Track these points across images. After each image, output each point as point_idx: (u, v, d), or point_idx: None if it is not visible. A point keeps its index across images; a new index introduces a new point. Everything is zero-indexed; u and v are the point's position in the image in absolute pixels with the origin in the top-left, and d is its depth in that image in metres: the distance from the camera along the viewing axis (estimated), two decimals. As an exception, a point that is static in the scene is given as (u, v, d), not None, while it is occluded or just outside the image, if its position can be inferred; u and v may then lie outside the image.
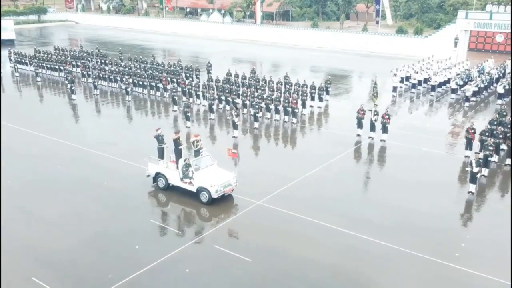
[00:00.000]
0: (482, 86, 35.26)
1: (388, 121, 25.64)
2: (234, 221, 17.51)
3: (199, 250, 15.55)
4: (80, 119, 30.90)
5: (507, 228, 17.19)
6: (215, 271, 14.46)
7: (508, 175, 22.00)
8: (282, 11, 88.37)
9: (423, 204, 18.88)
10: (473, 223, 17.96)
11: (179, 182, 18.84)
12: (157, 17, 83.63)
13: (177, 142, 19.61)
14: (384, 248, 15.73)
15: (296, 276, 14.33)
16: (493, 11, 47.46)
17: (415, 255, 15.32)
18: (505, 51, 55.21)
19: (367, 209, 18.50)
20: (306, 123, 29.45)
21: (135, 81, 36.14)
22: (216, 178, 18.23)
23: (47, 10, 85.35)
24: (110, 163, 22.71)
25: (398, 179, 21.72)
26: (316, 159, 23.28)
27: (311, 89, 32.67)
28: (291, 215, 17.71)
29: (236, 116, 26.06)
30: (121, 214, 17.86)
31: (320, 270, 14.66)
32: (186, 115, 28.05)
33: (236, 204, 18.67)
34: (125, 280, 13.79)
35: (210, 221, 17.51)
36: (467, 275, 14.36)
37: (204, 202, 18.26)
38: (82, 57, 44.42)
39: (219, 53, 57.11)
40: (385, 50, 54.15)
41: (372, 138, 26.28)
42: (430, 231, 16.92)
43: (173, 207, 18.71)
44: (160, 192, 19.57)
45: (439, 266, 14.77)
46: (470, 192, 19.70)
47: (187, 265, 14.64)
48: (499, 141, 22.83)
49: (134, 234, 16.35)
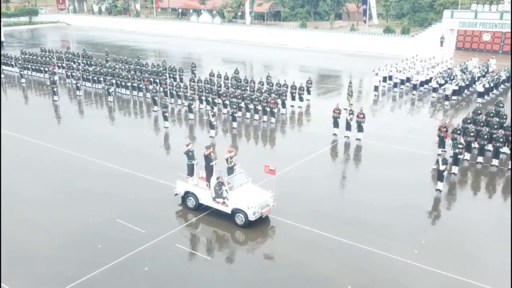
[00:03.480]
0: (463, 85, 35.41)
1: (363, 120, 25.79)
2: (201, 220, 17.62)
3: (161, 250, 15.66)
4: (60, 120, 31.09)
5: (471, 225, 17.40)
6: (174, 269, 14.60)
7: (479, 173, 22.21)
8: (273, 11, 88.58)
9: (391, 202, 19.04)
10: (438, 220, 18.08)
11: (211, 202, 17.65)
12: (148, 18, 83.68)
13: (208, 158, 17.97)
14: (343, 244, 15.89)
15: (261, 277, 14.47)
16: (478, 10, 47.68)
17: (373, 251, 15.47)
18: (492, 50, 55.37)
19: (334, 207, 18.66)
20: (285, 123, 29.58)
21: (118, 82, 36.25)
22: (253, 198, 16.94)
23: (39, 11, 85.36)
24: (80, 162, 22.88)
25: (369, 177, 21.87)
26: (289, 158, 23.38)
27: (292, 89, 32.82)
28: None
29: (212, 116, 26.20)
30: (88, 211, 18.01)
31: (280, 266, 14.82)
32: (164, 115, 28.21)
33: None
34: (83, 278, 13.91)
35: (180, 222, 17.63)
36: (421, 271, 14.49)
37: (240, 225, 16.88)
38: (68, 58, 44.51)
39: (208, 54, 57.34)
40: (373, 50, 54.33)
41: (348, 137, 26.43)
42: (394, 228, 17.09)
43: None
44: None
45: (394, 262, 14.92)
46: (438, 190, 19.85)
47: (147, 264, 14.77)
48: (471, 139, 22.98)
49: (99, 233, 16.50)
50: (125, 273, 14.34)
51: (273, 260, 15.41)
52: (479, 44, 56.42)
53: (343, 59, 53.39)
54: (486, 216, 17.99)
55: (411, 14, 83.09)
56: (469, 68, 39.61)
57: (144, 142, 26.16)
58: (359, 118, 25.79)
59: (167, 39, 69.57)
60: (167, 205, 18.55)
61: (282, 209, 17.82)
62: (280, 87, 32.32)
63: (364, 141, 26.03)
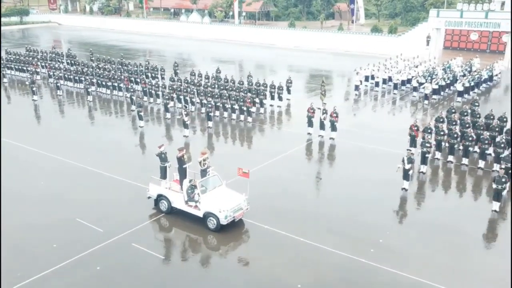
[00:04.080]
0: (444, 84, 35.35)
1: (336, 119, 25.74)
2: (162, 220, 17.57)
3: (116, 249, 15.59)
4: (36, 120, 31.08)
5: (432, 225, 17.32)
6: (126, 269, 14.55)
7: (449, 172, 22.16)
8: (265, 11, 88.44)
9: (357, 201, 19.01)
10: (399, 219, 18.02)
11: (183, 205, 17.19)
12: (138, 18, 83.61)
13: (181, 161, 17.66)
14: (301, 244, 15.84)
15: (214, 276, 14.43)
16: (463, 9, 47.61)
17: (330, 250, 15.43)
18: (479, 50, 55.36)
19: (296, 205, 18.59)
20: (262, 122, 29.52)
21: (99, 81, 36.20)
22: (226, 201, 16.56)
23: (29, 11, 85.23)
24: (49, 161, 22.82)
25: (338, 176, 21.95)
26: (261, 157, 23.39)
27: (271, 89, 32.76)
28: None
29: (186, 115, 26.15)
30: (49, 211, 17.96)
31: (227, 263, 14.78)
32: (139, 114, 28.14)
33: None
34: (32, 278, 13.85)
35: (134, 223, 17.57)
36: (374, 270, 14.44)
37: (212, 230, 16.45)
38: (51, 58, 44.44)
39: (197, 53, 57.35)
40: (360, 49, 54.24)
41: (322, 136, 26.39)
42: (354, 226, 17.04)
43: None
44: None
45: (349, 261, 14.87)
46: (404, 188, 19.81)
47: (99, 263, 14.72)
48: (441, 138, 22.94)
49: (57, 232, 16.45)
50: (76, 272, 14.28)
51: (224, 258, 15.37)
52: (467, 43, 56.38)
53: (331, 59, 53.33)
54: (449, 217, 17.89)
55: (403, 14, 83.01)
56: (452, 67, 39.55)
57: (119, 142, 26.09)
58: (332, 117, 25.74)
59: (157, 39, 69.45)
60: (132, 206, 18.43)
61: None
62: (259, 87, 32.28)
63: (338, 140, 25.99)
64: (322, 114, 26.16)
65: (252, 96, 30.81)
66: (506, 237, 16.51)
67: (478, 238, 16.50)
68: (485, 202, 19.00)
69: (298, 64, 50.12)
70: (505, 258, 15.24)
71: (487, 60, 43.92)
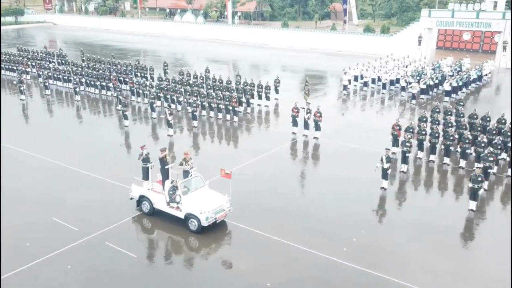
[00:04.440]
0: (432, 83, 35.36)
1: (320, 119, 25.74)
2: (139, 222, 17.54)
3: (89, 248, 15.59)
4: (22, 119, 31.11)
5: (409, 224, 17.34)
6: (97, 267, 14.55)
7: (430, 171, 22.17)
8: (261, 11, 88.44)
9: (334, 200, 19.01)
10: (375, 218, 17.97)
11: (165, 206, 16.99)
12: (133, 18, 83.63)
13: (163, 161, 17.52)
14: (274, 242, 15.86)
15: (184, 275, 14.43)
16: (455, 9, 47.62)
17: (304, 250, 15.42)
18: (472, 50, 55.42)
19: (277, 203, 18.59)
20: (248, 122, 29.53)
21: (87, 81, 36.21)
22: (208, 203, 16.33)
23: (24, 11, 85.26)
24: (31, 160, 22.82)
25: (320, 175, 21.97)
26: (244, 156, 23.51)
27: (258, 88, 32.77)
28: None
29: (169, 115, 26.16)
30: (26, 210, 17.96)
31: (203, 264, 14.80)
32: (124, 114, 28.15)
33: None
34: (3, 276, 13.87)
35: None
36: (345, 269, 14.45)
37: (193, 231, 16.25)
38: (41, 57, 44.47)
39: (191, 53, 57.41)
40: (353, 49, 54.26)
41: (306, 135, 26.41)
42: (329, 226, 17.04)
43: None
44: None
45: (322, 260, 14.87)
46: (383, 188, 19.81)
47: (71, 261, 14.72)
48: (423, 137, 22.93)
49: (31, 231, 16.46)
50: (46, 271, 14.26)
51: (205, 259, 15.38)
52: (459, 43, 56.51)
53: (323, 58, 53.36)
54: (427, 216, 17.87)
55: (399, 14, 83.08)
56: (442, 67, 39.57)
57: (104, 141, 26.06)
58: (316, 117, 25.74)
59: (151, 39, 69.52)
60: (112, 206, 18.32)
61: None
62: (245, 86, 32.30)
63: (323, 139, 26.00)
64: (306, 114, 26.19)
65: (239, 96, 30.83)
66: (484, 236, 16.57)
67: (455, 237, 16.47)
68: (465, 201, 18.94)
69: (290, 64, 50.23)
70: (480, 257, 15.26)
71: (480, 60, 43.92)
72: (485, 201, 19.08)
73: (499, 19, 45.60)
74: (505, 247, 15.56)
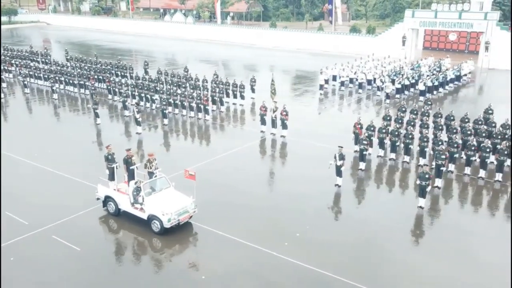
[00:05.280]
0: (408, 83, 35.57)
1: (286, 117, 25.99)
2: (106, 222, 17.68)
3: (35, 241, 15.89)
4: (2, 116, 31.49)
5: (357, 219, 17.60)
6: (39, 260, 14.86)
7: (390, 169, 22.40)
8: (252, 12, 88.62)
9: (287, 197, 19.27)
10: (324, 214, 18.16)
11: (130, 207, 16.95)
12: (125, 17, 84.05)
13: (128, 162, 17.60)
14: (216, 236, 16.15)
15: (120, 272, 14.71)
16: (438, 9, 47.77)
17: (245, 244, 15.69)
18: (458, 50, 55.58)
19: (227, 199, 18.85)
20: (218, 120, 29.80)
21: (66, 79, 36.57)
22: (171, 204, 16.29)
23: (18, 11, 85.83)
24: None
25: (279, 172, 22.21)
26: (209, 153, 24.06)
27: (233, 87, 33.04)
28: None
29: (137, 113, 26.47)
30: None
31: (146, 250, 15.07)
32: (95, 112, 28.46)
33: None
34: None
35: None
36: (284, 263, 14.74)
37: (156, 233, 16.23)
38: (25, 56, 44.90)
39: (179, 53, 57.77)
40: (338, 49, 54.45)
41: (274, 134, 26.67)
42: (277, 221, 17.29)
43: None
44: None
45: (261, 255, 15.14)
46: (337, 185, 20.04)
47: (13, 254, 15.03)
48: (383, 136, 23.13)
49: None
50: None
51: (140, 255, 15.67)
52: (446, 43, 56.63)
53: (308, 58, 53.57)
54: (375, 212, 18.14)
55: (392, 15, 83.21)
56: (421, 67, 39.75)
57: (74, 139, 26.26)
58: (283, 115, 26.00)
59: (142, 39, 69.89)
60: (68, 202, 18.55)
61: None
62: (218, 85, 32.60)
63: (290, 138, 26.24)
64: (273, 113, 26.45)
65: (212, 95, 31.13)
66: (433, 234, 16.79)
67: (400, 234, 16.63)
68: (414, 198, 19.15)
69: (273, 63, 50.47)
70: (424, 255, 15.41)
71: (461, 60, 44.00)
72: (436, 199, 19.28)
73: (481, 19, 45.74)
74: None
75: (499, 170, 20.55)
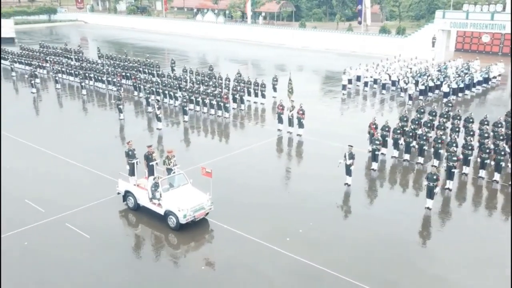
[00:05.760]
0: (433, 85, 35.08)
1: (302, 116, 26.18)
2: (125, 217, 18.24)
3: (49, 228, 16.74)
4: (26, 110, 32.85)
5: (365, 218, 17.69)
6: (49, 245, 15.68)
7: (405, 170, 22.31)
8: (283, 12, 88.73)
9: (299, 194, 19.53)
10: (332, 212, 18.28)
11: (148, 202, 17.40)
12: (158, 17, 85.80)
13: (149, 158, 18.14)
14: (221, 229, 16.58)
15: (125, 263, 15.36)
16: (469, 10, 46.78)
17: (243, 235, 16.10)
18: (491, 52, 54.21)
19: (232, 193, 19.27)
20: (237, 118, 30.26)
21: (96, 76, 37.86)
22: (187, 200, 16.58)
23: (57, 10, 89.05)
24: (25, 148, 24.30)
25: (292, 170, 22.50)
26: (224, 149, 24.67)
27: (255, 86, 33.45)
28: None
29: (158, 109, 27.24)
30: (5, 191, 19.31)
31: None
32: (118, 107, 29.40)
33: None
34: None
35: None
36: (285, 257, 15.05)
37: (172, 228, 16.59)
38: (59, 53, 46.75)
39: (209, 52, 58.73)
40: (367, 50, 54.05)
41: (291, 132, 26.92)
42: (282, 217, 17.57)
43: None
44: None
45: (264, 249, 15.49)
46: (346, 184, 20.13)
47: (28, 239, 15.90)
48: (398, 136, 23.04)
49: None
50: (5, 245, 15.44)
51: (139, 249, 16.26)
52: (479, 45, 55.32)
53: (335, 59, 53.35)
54: (382, 213, 18.17)
55: (427, 15, 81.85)
56: (448, 69, 39.09)
57: (96, 133, 27.23)
58: (299, 114, 26.22)
59: (174, 38, 71.28)
60: (86, 193, 19.28)
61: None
62: (239, 84, 33.07)
63: (306, 137, 26.42)
64: (290, 112, 26.71)
65: (233, 93, 31.64)
66: (440, 236, 16.72)
67: (408, 236, 16.58)
68: (423, 199, 19.03)
69: (301, 63, 50.60)
70: (430, 257, 15.41)
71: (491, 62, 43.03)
72: (447, 200, 19.12)
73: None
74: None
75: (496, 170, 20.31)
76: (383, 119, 24.92)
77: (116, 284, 13.92)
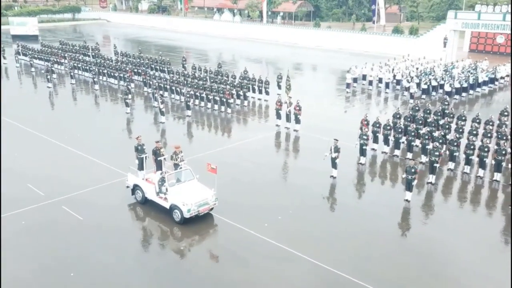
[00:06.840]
0: (436, 84, 35.39)
1: (299, 112, 27.00)
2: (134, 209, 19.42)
3: (45, 209, 18.03)
4: (40, 102, 34.56)
5: (345, 209, 18.45)
6: (48, 224, 16.97)
7: (393, 165, 22.92)
8: (303, 11, 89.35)
9: (284, 186, 20.49)
10: (312, 203, 19.02)
11: (155, 196, 18.00)
12: (177, 16, 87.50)
13: (157, 153, 18.76)
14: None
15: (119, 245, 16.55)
16: (481, 11, 46.70)
17: (226, 222, 17.08)
18: (505, 53, 53.80)
19: (227, 189, 20.07)
20: (240, 114, 31.23)
21: (109, 72, 39.40)
22: (192, 196, 17.05)
23: (81, 9, 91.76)
24: (33, 138, 25.80)
25: (284, 163, 23.31)
26: (221, 142, 25.77)
27: (258, 83, 34.39)
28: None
29: (161, 103, 28.43)
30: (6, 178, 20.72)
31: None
32: (126, 101, 30.71)
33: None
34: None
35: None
36: (264, 243, 15.93)
37: (177, 222, 17.07)
38: (76, 50, 48.62)
39: (226, 50, 59.98)
40: (379, 50, 54.33)
41: (288, 128, 27.76)
42: (265, 206, 18.45)
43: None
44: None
45: (244, 235, 16.44)
46: (332, 176, 20.88)
47: (25, 218, 17.21)
48: (387, 132, 23.65)
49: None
50: (5, 223, 16.77)
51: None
52: (493, 46, 55.03)
53: (346, 59, 53.61)
54: (364, 205, 18.91)
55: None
56: (455, 69, 39.25)
57: (104, 126, 28.58)
58: (296, 110, 27.04)
59: (192, 37, 72.78)
60: (87, 181, 20.46)
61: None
62: (242, 80, 34.08)
63: (302, 132, 27.22)
64: (287, 108, 27.55)
65: (236, 89, 32.65)
66: (417, 227, 17.32)
67: (388, 227, 17.21)
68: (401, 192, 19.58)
69: (310, 62, 51.26)
70: (406, 249, 16.06)
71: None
72: (430, 194, 19.68)
73: (525, 21, 44.28)
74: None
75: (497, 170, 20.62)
76: (378, 116, 25.53)
77: (120, 274, 15.03)
